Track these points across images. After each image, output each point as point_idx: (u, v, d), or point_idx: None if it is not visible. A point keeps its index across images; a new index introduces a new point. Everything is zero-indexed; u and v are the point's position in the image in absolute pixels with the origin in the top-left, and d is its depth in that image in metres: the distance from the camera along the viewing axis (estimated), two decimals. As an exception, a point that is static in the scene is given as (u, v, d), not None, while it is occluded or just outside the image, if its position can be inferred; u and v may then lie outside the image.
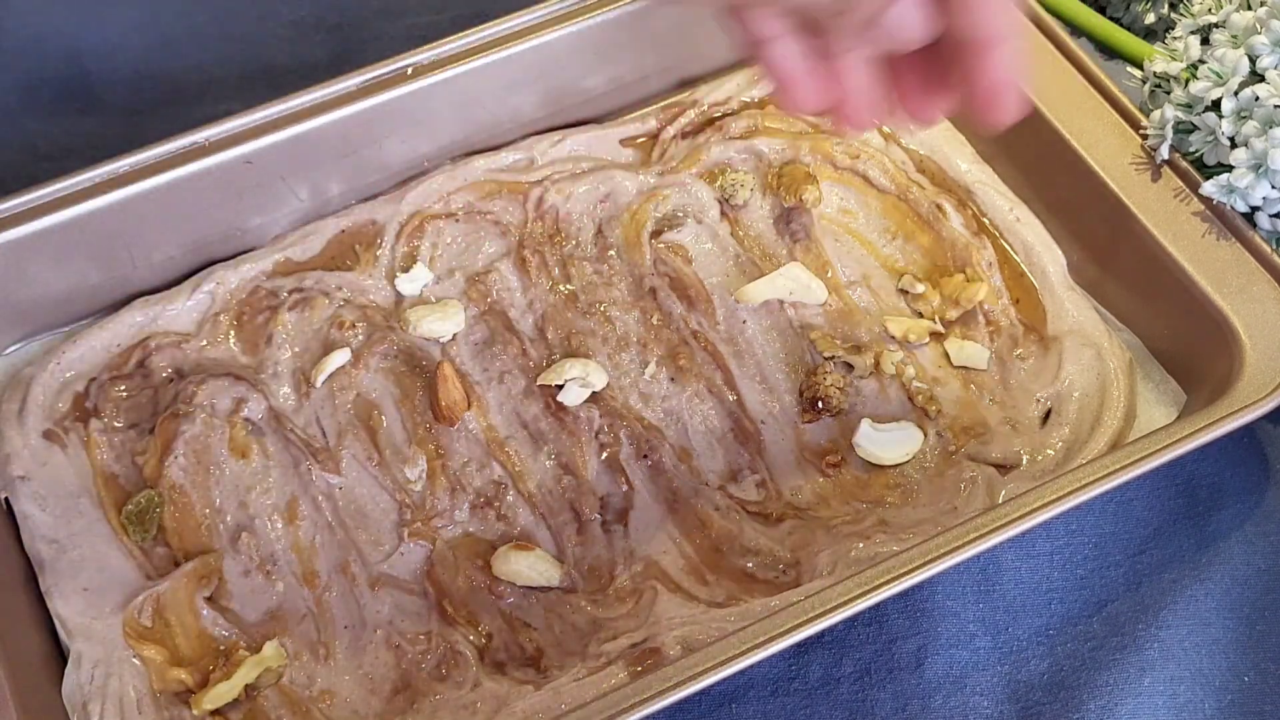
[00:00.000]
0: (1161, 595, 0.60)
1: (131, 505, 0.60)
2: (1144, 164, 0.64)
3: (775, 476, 0.61)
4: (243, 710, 0.56)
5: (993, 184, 0.69)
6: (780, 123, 0.72)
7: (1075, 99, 0.66)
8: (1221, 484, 0.63)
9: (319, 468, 0.61)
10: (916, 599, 0.60)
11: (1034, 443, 0.61)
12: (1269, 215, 0.62)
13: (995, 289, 0.67)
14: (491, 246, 0.68)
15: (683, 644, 0.55)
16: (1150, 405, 0.63)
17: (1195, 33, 0.65)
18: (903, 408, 0.64)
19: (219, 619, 0.58)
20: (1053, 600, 0.60)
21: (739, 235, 0.69)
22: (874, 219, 0.70)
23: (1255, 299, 0.60)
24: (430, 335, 0.65)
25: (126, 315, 0.65)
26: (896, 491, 0.61)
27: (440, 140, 0.70)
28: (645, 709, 0.50)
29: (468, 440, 0.62)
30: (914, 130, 0.72)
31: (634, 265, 0.67)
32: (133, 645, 0.56)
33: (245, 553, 0.59)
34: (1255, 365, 0.59)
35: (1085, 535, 0.62)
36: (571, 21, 0.70)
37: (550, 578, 0.58)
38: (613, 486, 0.61)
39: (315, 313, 0.65)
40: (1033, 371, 0.64)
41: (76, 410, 0.62)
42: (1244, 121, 0.61)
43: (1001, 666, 0.58)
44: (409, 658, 0.57)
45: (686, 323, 0.65)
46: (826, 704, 0.57)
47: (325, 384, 0.63)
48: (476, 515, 0.61)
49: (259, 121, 0.66)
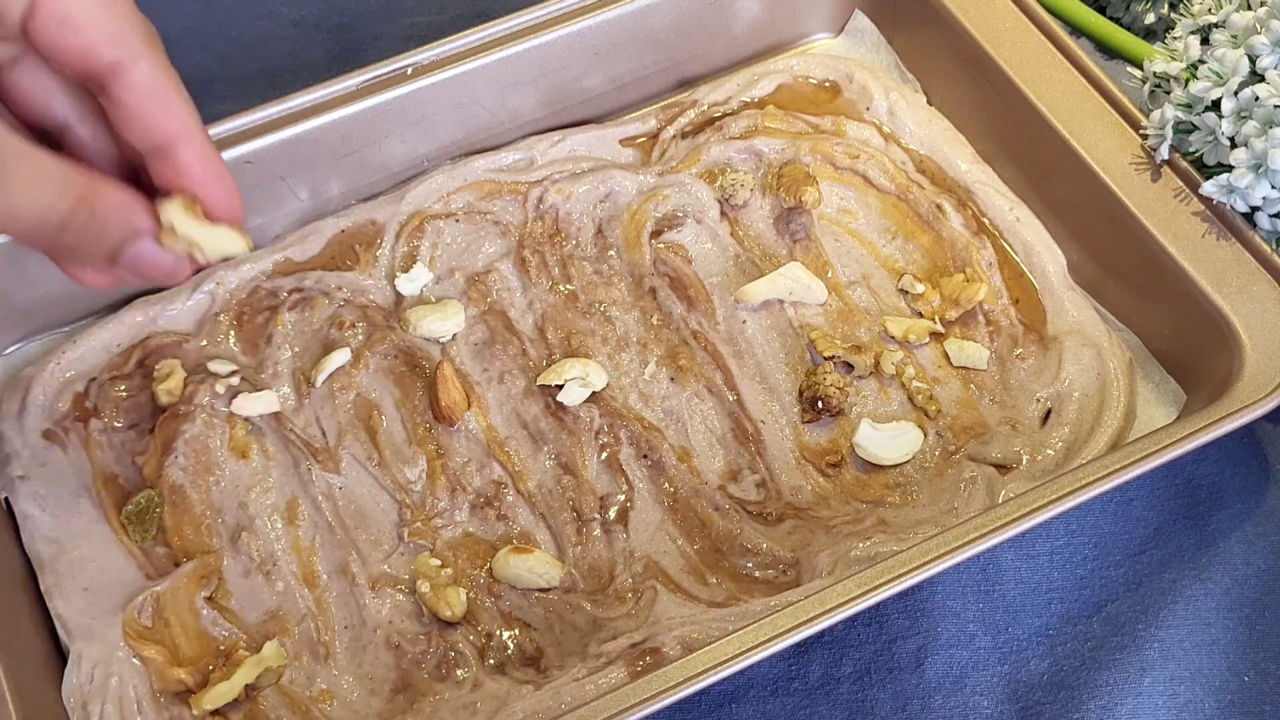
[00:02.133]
0: (1161, 595, 0.60)
1: (131, 505, 0.60)
2: (1144, 164, 0.64)
3: (775, 476, 0.61)
4: (243, 710, 0.56)
5: (993, 184, 0.69)
6: (780, 123, 0.72)
7: (1075, 99, 0.66)
8: (1221, 484, 0.63)
9: (319, 468, 0.61)
10: (916, 599, 0.60)
11: (1034, 443, 0.61)
12: (1269, 215, 0.62)
13: (995, 289, 0.67)
14: (491, 246, 0.68)
15: (683, 644, 0.55)
16: (1150, 405, 0.63)
17: (1195, 33, 0.65)
18: (903, 408, 0.64)
19: (219, 619, 0.58)
20: (1053, 600, 0.60)
21: (739, 235, 0.69)
22: (874, 219, 0.70)
23: (1255, 299, 0.60)
24: (430, 335, 0.65)
25: (126, 315, 0.65)
26: (896, 491, 0.61)
27: (440, 140, 0.70)
28: (645, 709, 0.50)
29: (468, 440, 0.62)
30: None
31: (634, 265, 0.67)
32: (133, 645, 0.56)
33: (245, 553, 0.59)
34: (1255, 365, 0.59)
35: (1085, 535, 0.62)
36: (571, 21, 0.70)
37: (550, 579, 0.58)
38: (613, 486, 0.61)
39: (315, 313, 0.65)
40: (1033, 371, 0.64)
41: (76, 410, 0.62)
42: (1244, 121, 0.61)
43: (1001, 666, 0.58)
44: (409, 658, 0.57)
45: (686, 323, 0.65)
46: (826, 704, 0.57)
47: (325, 384, 0.63)
48: (476, 515, 0.61)
49: (259, 121, 0.66)
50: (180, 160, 0.41)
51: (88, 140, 0.44)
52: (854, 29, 0.77)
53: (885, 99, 0.72)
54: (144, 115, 0.40)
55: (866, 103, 0.73)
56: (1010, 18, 0.69)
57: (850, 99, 0.73)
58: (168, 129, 0.41)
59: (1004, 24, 0.69)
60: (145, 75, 0.40)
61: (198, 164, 0.42)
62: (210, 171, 0.42)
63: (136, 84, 0.40)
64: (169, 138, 0.41)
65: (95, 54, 0.39)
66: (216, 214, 0.43)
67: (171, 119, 0.41)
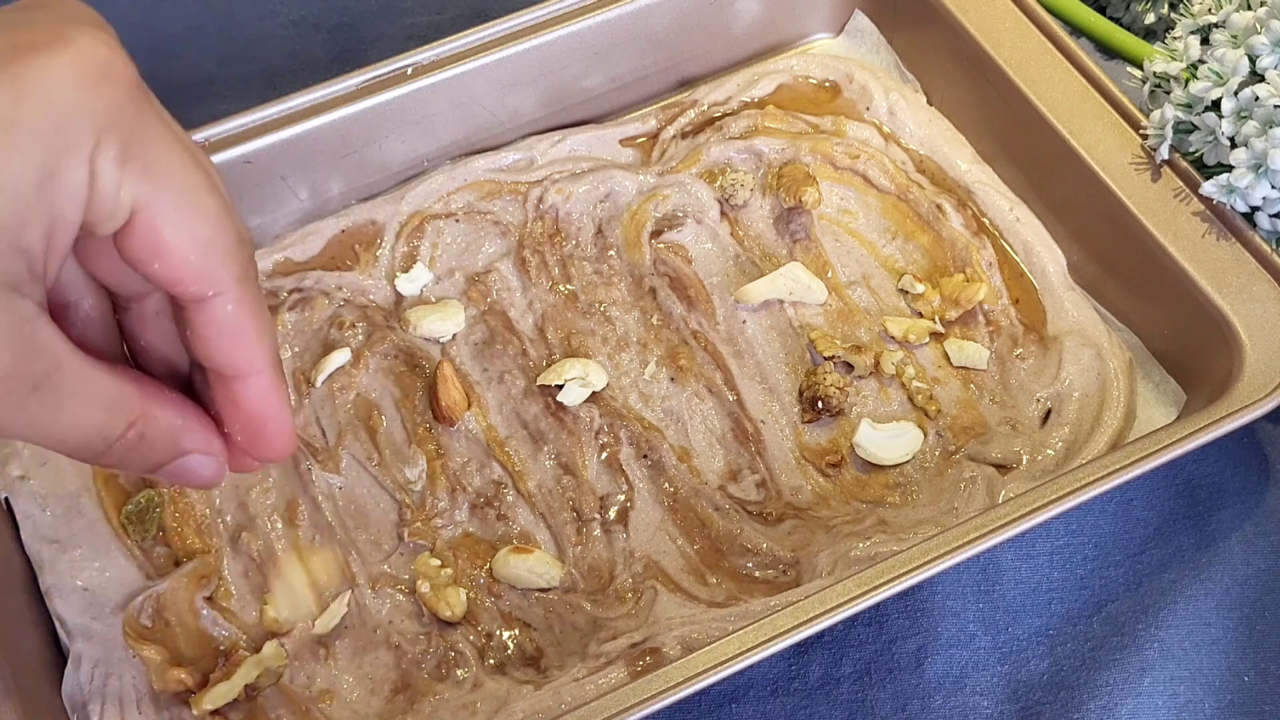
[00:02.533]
0: (1161, 595, 0.60)
1: (131, 505, 0.60)
2: (1144, 164, 0.64)
3: (775, 476, 0.61)
4: (243, 710, 0.56)
5: (993, 184, 0.69)
6: (780, 123, 0.72)
7: (1075, 99, 0.66)
8: (1221, 484, 0.63)
9: (319, 467, 0.61)
10: (916, 599, 0.60)
11: (1034, 443, 0.61)
12: (1269, 215, 0.62)
13: (995, 289, 0.67)
14: (491, 246, 0.68)
15: (683, 644, 0.55)
16: (1150, 405, 0.63)
17: (1195, 33, 0.65)
18: (903, 408, 0.64)
19: (219, 619, 0.58)
20: (1053, 600, 0.60)
21: (739, 235, 0.69)
22: (874, 219, 0.70)
23: (1255, 299, 0.60)
24: (430, 335, 0.65)
25: (126, 315, 0.65)
26: (896, 491, 0.61)
27: (440, 140, 0.70)
28: (645, 709, 0.50)
29: (468, 440, 0.62)
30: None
31: (634, 265, 0.67)
32: (133, 645, 0.56)
33: (245, 553, 0.59)
34: (1255, 365, 0.59)
35: (1085, 535, 0.62)
36: (571, 21, 0.70)
37: (550, 579, 0.58)
38: (613, 486, 0.61)
39: (315, 313, 0.65)
40: (1033, 371, 0.64)
41: (76, 410, 0.62)
42: (1244, 121, 0.61)
43: (1001, 666, 0.58)
44: (409, 658, 0.57)
45: (686, 323, 0.65)
46: (826, 704, 0.57)
47: (325, 384, 0.63)
48: (476, 515, 0.61)
49: (259, 121, 0.66)
50: (238, 396, 0.40)
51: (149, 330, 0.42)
52: (854, 29, 0.77)
53: (885, 99, 0.72)
54: (217, 349, 0.39)
55: (866, 103, 0.73)
56: (1010, 18, 0.69)
57: (850, 99, 0.73)
58: (237, 365, 0.40)
59: (1004, 24, 0.69)
60: (226, 314, 0.38)
61: (254, 403, 0.40)
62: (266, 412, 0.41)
63: (215, 319, 0.38)
64: (236, 373, 0.40)
65: (181, 287, 0.38)
66: (257, 455, 0.42)
67: (242, 356, 0.39)
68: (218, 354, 0.39)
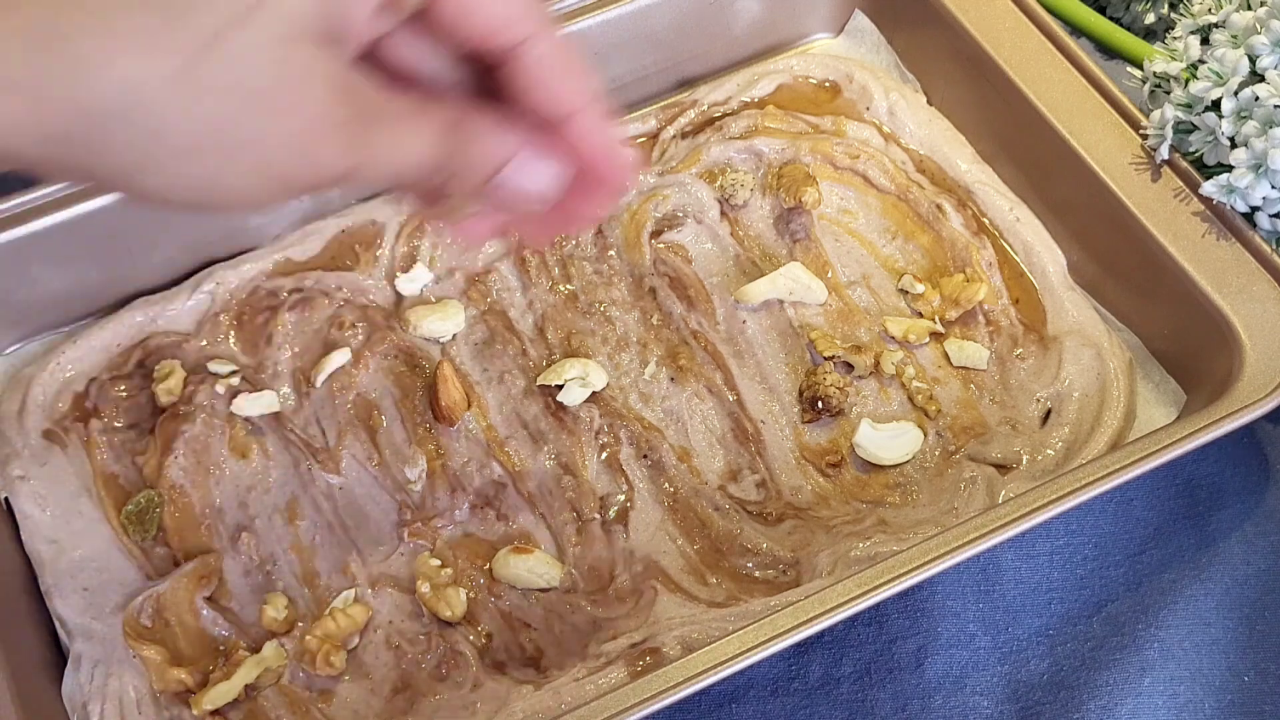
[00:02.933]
0: (1161, 595, 0.60)
1: (131, 505, 0.60)
2: (1144, 164, 0.64)
3: (775, 476, 0.61)
4: (243, 710, 0.56)
5: (993, 184, 0.69)
6: (780, 123, 0.72)
7: (1075, 99, 0.66)
8: (1221, 484, 0.63)
9: (319, 468, 0.61)
10: (916, 599, 0.60)
11: (1034, 443, 0.61)
12: (1269, 215, 0.62)
13: (995, 289, 0.67)
14: (491, 246, 0.68)
15: (683, 644, 0.55)
16: (1150, 405, 0.63)
17: (1195, 33, 0.65)
18: (903, 408, 0.64)
19: (219, 619, 0.58)
20: (1053, 600, 0.60)
21: (739, 235, 0.69)
22: (874, 219, 0.70)
23: (1255, 299, 0.60)
24: (430, 335, 0.65)
25: (126, 315, 0.65)
26: (896, 491, 0.61)
27: (440, 140, 0.70)
28: (645, 709, 0.50)
29: (468, 440, 0.62)
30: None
31: (634, 265, 0.67)
32: (133, 645, 0.56)
33: (245, 553, 0.59)
34: (1255, 365, 0.59)
35: (1085, 535, 0.62)
36: (571, 21, 0.70)
37: (550, 579, 0.58)
38: (613, 486, 0.61)
39: (315, 313, 0.65)
40: (1033, 371, 0.64)
41: (76, 410, 0.62)
42: (1244, 121, 0.61)
43: (1001, 666, 0.58)
44: (409, 658, 0.57)
45: (686, 323, 0.65)
46: (826, 704, 0.57)
47: (325, 384, 0.63)
48: (476, 515, 0.61)
49: (259, 121, 0.66)
50: (577, 132, 0.41)
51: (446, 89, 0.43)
52: (854, 29, 0.77)
53: (885, 99, 0.72)
54: (547, 88, 0.40)
55: (866, 103, 0.73)
56: (1010, 18, 0.69)
57: (850, 99, 0.73)
58: (571, 98, 0.40)
59: (1004, 24, 0.69)
60: (549, 50, 0.40)
61: (595, 134, 0.41)
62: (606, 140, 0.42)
63: (539, 59, 0.40)
64: (571, 108, 0.41)
65: (495, 37, 0.39)
66: (605, 185, 0.43)
67: (574, 87, 0.40)
68: (550, 93, 0.40)
